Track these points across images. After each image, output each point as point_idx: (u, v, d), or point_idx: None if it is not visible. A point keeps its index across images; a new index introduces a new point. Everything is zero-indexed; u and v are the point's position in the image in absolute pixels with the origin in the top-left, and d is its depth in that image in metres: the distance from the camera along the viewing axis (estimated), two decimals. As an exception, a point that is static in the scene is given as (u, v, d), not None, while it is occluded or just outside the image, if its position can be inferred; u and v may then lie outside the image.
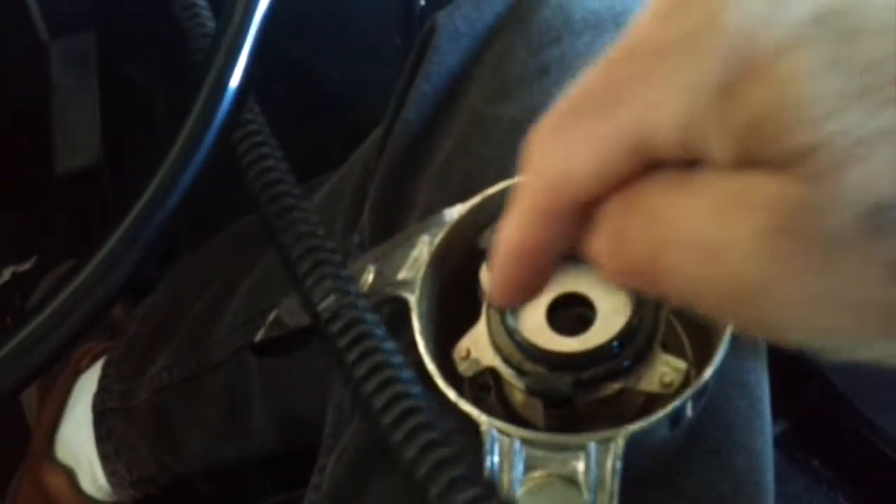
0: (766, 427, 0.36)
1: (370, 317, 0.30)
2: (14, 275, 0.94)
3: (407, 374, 0.28)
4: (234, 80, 0.33)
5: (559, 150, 0.20)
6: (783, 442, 0.37)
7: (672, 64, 0.17)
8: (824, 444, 0.67)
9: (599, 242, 0.20)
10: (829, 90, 0.15)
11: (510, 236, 0.22)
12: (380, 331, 0.29)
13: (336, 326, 0.29)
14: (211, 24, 0.37)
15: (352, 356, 0.28)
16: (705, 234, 0.17)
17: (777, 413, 0.38)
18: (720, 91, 0.17)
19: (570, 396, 0.28)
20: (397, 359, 0.28)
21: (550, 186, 0.20)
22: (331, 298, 0.30)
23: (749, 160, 0.17)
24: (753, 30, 0.16)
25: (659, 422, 0.26)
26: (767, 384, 0.37)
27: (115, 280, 0.32)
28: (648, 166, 0.19)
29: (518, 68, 0.42)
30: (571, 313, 0.31)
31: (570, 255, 0.31)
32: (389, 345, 0.28)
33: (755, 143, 0.16)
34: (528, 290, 0.24)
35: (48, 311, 0.30)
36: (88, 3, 1.00)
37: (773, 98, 0.16)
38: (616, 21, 0.41)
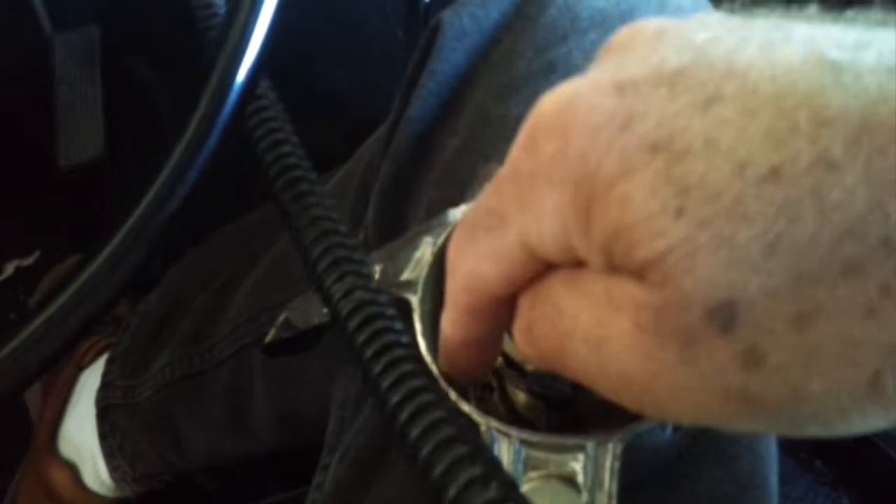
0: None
1: (390, 311, 0.30)
2: (17, 269, 0.94)
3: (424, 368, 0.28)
4: (241, 76, 0.33)
5: (470, 258, 0.23)
6: (786, 443, 0.37)
7: (540, 189, 0.20)
8: (828, 445, 0.67)
9: (518, 332, 0.23)
10: (653, 212, 0.18)
11: (445, 332, 0.25)
12: (399, 325, 0.29)
13: (355, 321, 0.29)
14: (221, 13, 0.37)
15: (370, 351, 0.28)
16: (592, 331, 0.20)
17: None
18: (577, 213, 0.19)
19: (572, 397, 0.28)
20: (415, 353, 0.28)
21: (468, 289, 0.23)
22: (354, 294, 0.30)
23: (615, 267, 0.19)
24: (595, 160, 0.19)
25: (657, 424, 0.26)
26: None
27: (120, 277, 0.32)
28: (548, 266, 0.21)
29: (524, 66, 0.41)
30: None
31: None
32: (407, 339, 0.29)
33: (615, 255, 0.19)
34: (477, 369, 0.26)
35: (51, 308, 0.30)
36: (92, -4, 0.99)
37: (616, 219, 0.18)
38: (622, 20, 0.41)
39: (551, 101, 0.20)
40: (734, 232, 0.17)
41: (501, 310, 0.23)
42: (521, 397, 0.31)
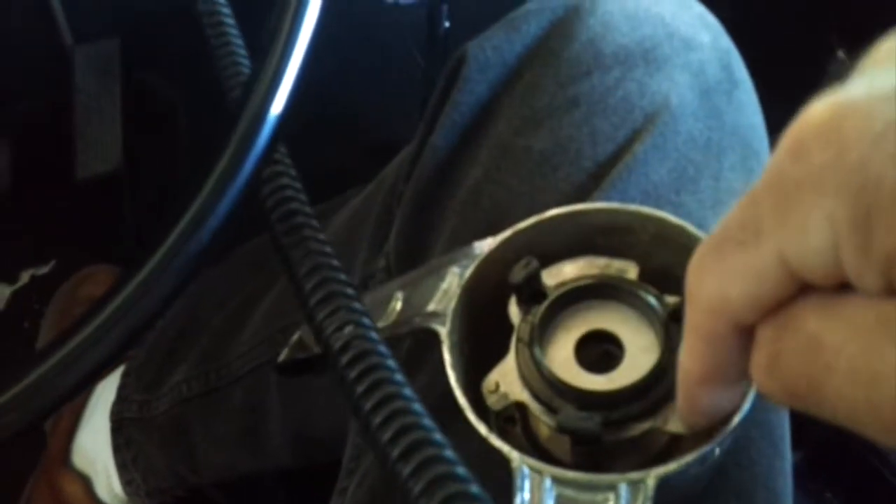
0: (786, 466, 0.36)
1: (382, 348, 0.30)
2: (32, 278, 0.95)
3: (417, 406, 0.28)
4: (275, 111, 0.33)
5: (715, 280, 0.21)
6: (796, 473, 0.38)
7: (807, 199, 0.18)
8: (837, 476, 0.68)
9: (756, 364, 0.21)
10: None
11: (684, 367, 0.23)
12: (391, 362, 0.29)
13: (347, 357, 0.29)
14: (240, 47, 0.38)
15: (361, 388, 0.28)
16: (861, 364, 0.18)
17: (790, 444, 0.38)
18: (855, 226, 0.18)
19: (599, 435, 0.28)
20: (407, 391, 0.28)
21: (709, 314, 0.21)
22: (345, 330, 0.30)
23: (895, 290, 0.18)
24: (878, 167, 0.17)
25: (689, 464, 0.27)
26: (788, 423, 0.38)
27: (147, 308, 0.32)
28: (800, 290, 0.20)
29: (547, 100, 0.42)
30: (597, 349, 0.31)
31: (598, 294, 0.32)
32: (400, 377, 0.29)
33: None
34: (715, 413, 0.25)
35: (89, 327, 0.30)
36: (114, 10, 1.00)
37: None
38: (645, 57, 0.42)
39: (823, 107, 0.19)
40: None
41: (745, 341, 0.21)
42: (544, 431, 0.32)
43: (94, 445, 0.73)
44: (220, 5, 0.38)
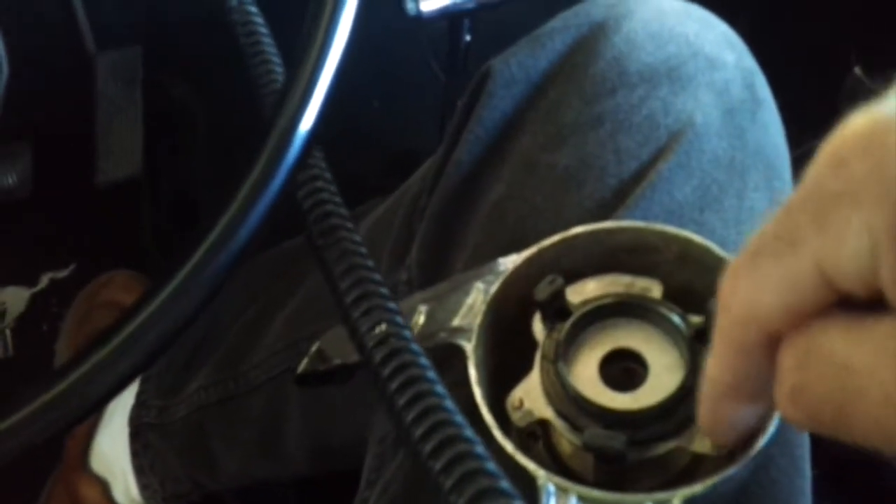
0: (805, 485, 0.36)
1: (416, 346, 0.30)
2: (52, 281, 0.96)
3: (450, 404, 0.28)
4: (304, 126, 0.34)
5: (748, 287, 0.21)
6: (815, 491, 0.38)
7: (845, 209, 0.19)
8: (855, 494, 0.67)
9: (780, 392, 0.21)
10: None
11: (712, 375, 0.23)
12: (425, 360, 0.30)
13: (380, 355, 0.30)
14: (275, 55, 0.38)
15: (395, 384, 0.29)
16: (893, 390, 0.18)
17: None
18: (893, 236, 0.18)
19: (625, 454, 0.28)
20: (440, 388, 0.28)
21: (740, 322, 0.21)
22: (380, 328, 0.31)
23: None
24: None
25: (715, 485, 0.27)
26: (808, 441, 0.38)
27: (175, 319, 0.33)
28: (830, 302, 0.20)
29: (572, 117, 0.42)
30: (621, 367, 0.32)
31: (622, 312, 0.32)
32: (433, 374, 0.29)
33: None
34: (739, 428, 0.25)
35: (124, 331, 0.31)
36: (136, 17, 1.01)
37: None
38: (669, 76, 0.42)
39: (862, 119, 0.19)
40: None
41: (771, 355, 0.21)
42: (567, 447, 0.32)
43: (112, 450, 0.74)
44: (253, 14, 0.39)
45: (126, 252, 0.94)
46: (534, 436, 0.33)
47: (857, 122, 0.19)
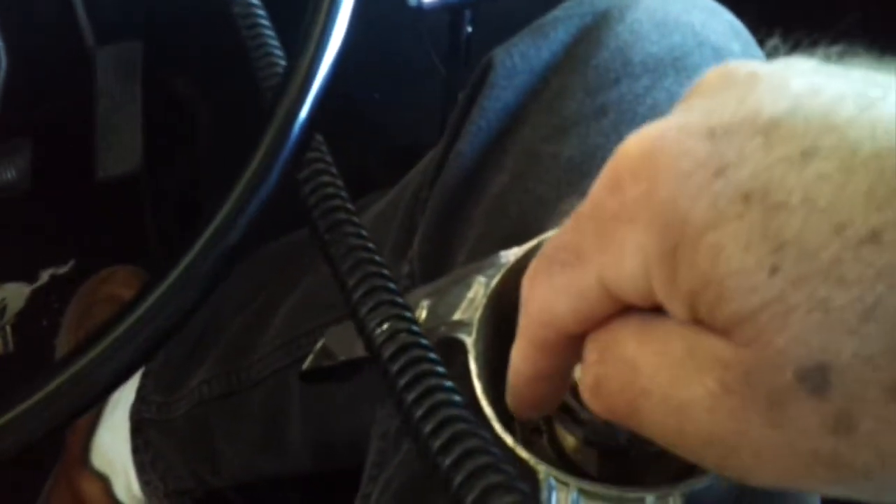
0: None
1: (424, 341, 0.30)
2: (52, 277, 0.96)
3: (458, 398, 0.28)
4: (303, 115, 0.33)
5: (542, 292, 0.22)
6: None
7: (622, 229, 0.20)
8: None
9: (585, 388, 0.22)
10: (747, 266, 0.17)
11: (515, 366, 0.25)
12: (434, 356, 0.29)
13: (390, 350, 0.29)
14: (277, 48, 0.38)
15: (404, 380, 0.28)
16: (672, 392, 0.19)
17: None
18: (662, 257, 0.19)
19: (627, 449, 0.28)
20: (449, 384, 0.28)
21: (539, 324, 0.23)
22: (387, 324, 0.30)
23: (700, 320, 0.19)
24: (684, 205, 0.18)
25: (717, 479, 0.26)
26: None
27: (172, 314, 0.32)
28: (619, 310, 0.21)
29: (575, 108, 0.42)
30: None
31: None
32: (442, 369, 0.29)
33: (700, 307, 0.18)
34: (542, 407, 0.26)
35: (120, 328, 0.30)
36: (136, 12, 1.01)
37: (705, 269, 0.18)
38: (675, 66, 0.42)
39: (637, 141, 0.20)
40: (830, 294, 0.16)
41: (572, 347, 0.22)
42: (571, 442, 0.31)
43: (113, 446, 0.73)
44: (254, 6, 0.38)
45: (126, 248, 0.94)
46: (537, 430, 0.33)
47: (633, 143, 0.20)
